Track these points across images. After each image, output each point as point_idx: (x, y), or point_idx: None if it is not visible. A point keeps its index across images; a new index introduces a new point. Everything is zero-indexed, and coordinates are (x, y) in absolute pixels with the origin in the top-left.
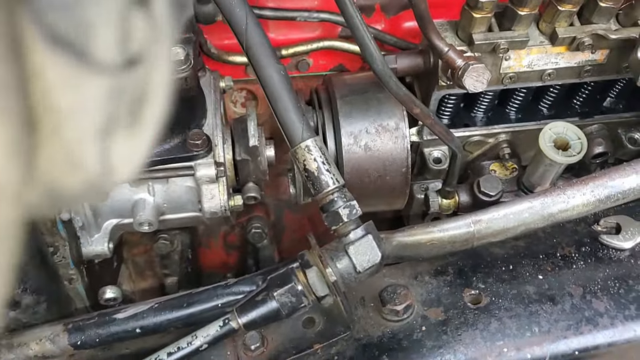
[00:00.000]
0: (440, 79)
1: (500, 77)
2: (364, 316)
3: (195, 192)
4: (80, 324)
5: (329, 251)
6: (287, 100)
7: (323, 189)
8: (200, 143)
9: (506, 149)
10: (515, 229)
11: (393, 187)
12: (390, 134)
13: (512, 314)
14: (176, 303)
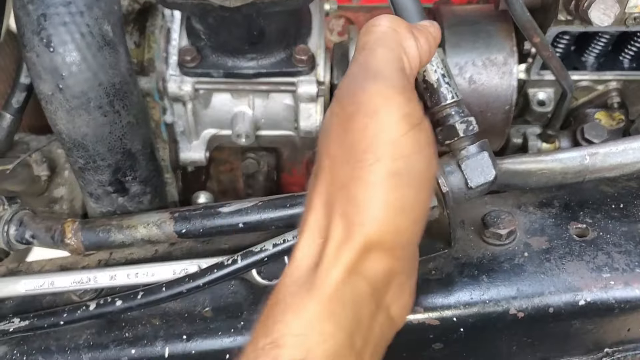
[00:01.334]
0: (560, 12)
1: (624, 18)
2: (464, 238)
3: (292, 111)
4: (187, 214)
5: (441, 164)
6: (412, 7)
7: (441, 101)
8: (306, 59)
9: (615, 97)
10: (633, 165)
11: (493, 125)
12: (497, 68)
13: (621, 250)
14: (279, 203)
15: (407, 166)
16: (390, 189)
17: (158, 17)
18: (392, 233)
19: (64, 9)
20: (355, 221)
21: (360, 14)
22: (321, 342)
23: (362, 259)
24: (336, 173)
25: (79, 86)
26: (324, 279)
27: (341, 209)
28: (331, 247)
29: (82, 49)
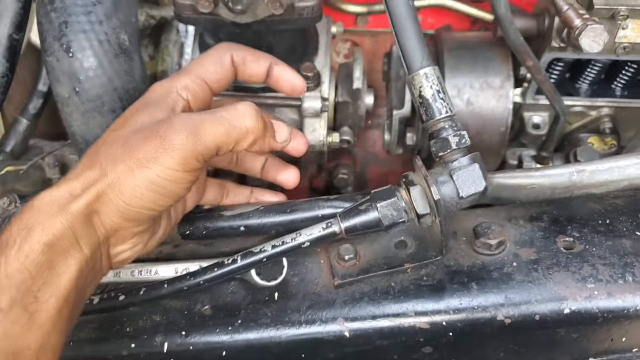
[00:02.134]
0: (554, 40)
1: (614, 47)
2: (455, 248)
3: (298, 125)
4: (190, 216)
5: (433, 174)
6: (411, 29)
7: (435, 116)
8: (312, 76)
9: (607, 123)
10: (618, 182)
11: (489, 146)
12: (494, 91)
13: (605, 262)
14: (280, 208)
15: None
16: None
17: (172, 32)
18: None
19: (84, 18)
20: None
21: (366, 37)
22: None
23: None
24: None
25: (95, 90)
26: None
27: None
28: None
29: (99, 55)
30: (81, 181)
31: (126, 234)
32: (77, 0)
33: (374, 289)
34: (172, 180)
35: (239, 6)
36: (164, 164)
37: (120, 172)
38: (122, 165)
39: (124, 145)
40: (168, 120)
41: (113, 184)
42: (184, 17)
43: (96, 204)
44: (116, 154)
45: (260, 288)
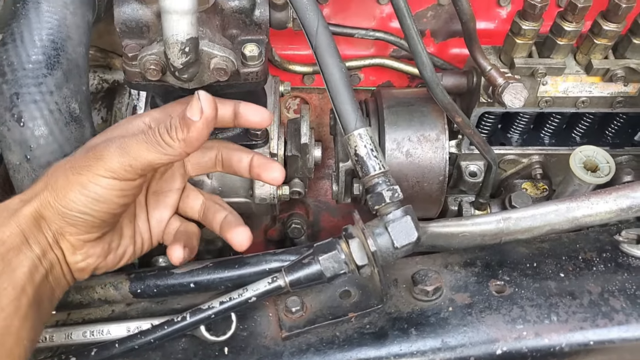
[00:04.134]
0: (482, 96)
1: (537, 100)
2: (396, 295)
3: (248, 180)
4: (141, 275)
5: (370, 227)
6: (345, 94)
7: (370, 172)
8: (260, 134)
9: (538, 169)
10: (541, 228)
11: (430, 194)
12: (431, 143)
13: (533, 304)
14: (228, 264)
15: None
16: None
17: (125, 95)
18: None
19: (35, 89)
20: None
21: (313, 94)
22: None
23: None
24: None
25: (46, 157)
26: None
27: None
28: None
29: (50, 124)
30: (30, 191)
31: (75, 242)
32: (28, 72)
33: (320, 340)
34: (102, 185)
35: (185, 75)
36: (94, 171)
37: (59, 179)
38: (62, 174)
39: (68, 161)
40: (108, 139)
41: (53, 190)
42: (133, 83)
43: (41, 209)
44: (59, 167)
45: (211, 343)
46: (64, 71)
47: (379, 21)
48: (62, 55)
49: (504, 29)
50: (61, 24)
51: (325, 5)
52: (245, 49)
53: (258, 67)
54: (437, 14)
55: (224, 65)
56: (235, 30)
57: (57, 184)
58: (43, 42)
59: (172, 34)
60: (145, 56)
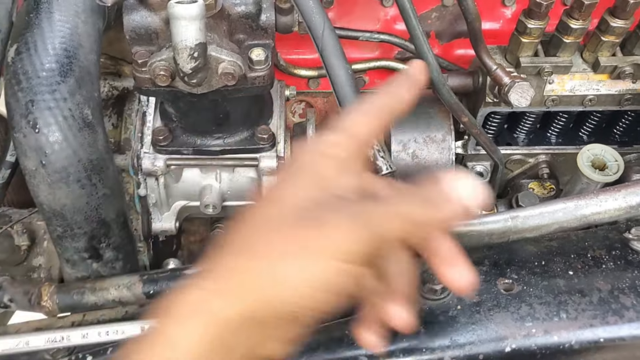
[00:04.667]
0: (487, 96)
1: (543, 99)
2: None
3: (256, 183)
4: (154, 276)
5: None
6: (352, 97)
7: (377, 173)
8: (267, 137)
9: (545, 169)
10: (549, 226)
11: None
12: (437, 145)
13: (542, 301)
14: None
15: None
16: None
17: (135, 101)
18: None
19: (49, 96)
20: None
21: (318, 98)
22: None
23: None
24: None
25: (60, 162)
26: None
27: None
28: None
29: (64, 130)
30: (231, 278)
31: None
32: (42, 80)
33: (330, 338)
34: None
35: (194, 80)
36: (324, 254)
37: (277, 261)
38: (277, 253)
39: (278, 230)
40: (329, 204)
41: (271, 276)
42: (143, 89)
43: (251, 305)
44: (270, 239)
45: None
46: (77, 78)
47: (384, 23)
48: (75, 62)
49: (509, 29)
50: (73, 33)
51: (330, 9)
52: (252, 53)
53: (265, 71)
54: (441, 15)
55: (231, 69)
56: (242, 35)
57: (276, 269)
58: (56, 50)
59: (181, 39)
60: (155, 62)
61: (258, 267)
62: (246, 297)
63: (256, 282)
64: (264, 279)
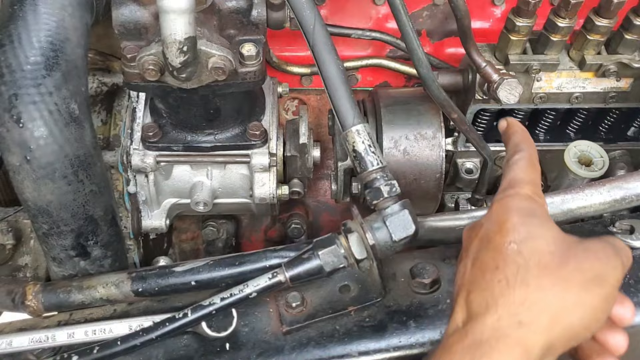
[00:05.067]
0: (477, 93)
1: (531, 97)
2: (395, 288)
3: (248, 180)
4: (143, 274)
5: (369, 221)
6: (343, 91)
7: (368, 167)
8: (259, 134)
9: None
10: None
11: (427, 190)
12: (427, 141)
13: None
14: (229, 261)
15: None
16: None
17: (124, 97)
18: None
19: (34, 90)
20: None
21: (311, 95)
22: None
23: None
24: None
25: (46, 158)
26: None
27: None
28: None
29: (49, 125)
30: (539, 311)
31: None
32: (26, 74)
33: (320, 333)
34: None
35: (183, 74)
36: (610, 281)
37: (581, 291)
38: (578, 282)
39: (564, 263)
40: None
41: (579, 306)
42: (132, 84)
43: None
44: (561, 272)
45: (212, 339)
46: (63, 72)
47: (375, 21)
48: (61, 56)
49: (498, 28)
50: (59, 26)
51: (322, 7)
52: (242, 48)
53: (256, 66)
54: (432, 13)
55: (222, 64)
56: (233, 30)
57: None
58: (41, 43)
59: (170, 33)
60: (144, 57)
61: (566, 297)
62: (553, 328)
63: (565, 311)
64: (571, 309)
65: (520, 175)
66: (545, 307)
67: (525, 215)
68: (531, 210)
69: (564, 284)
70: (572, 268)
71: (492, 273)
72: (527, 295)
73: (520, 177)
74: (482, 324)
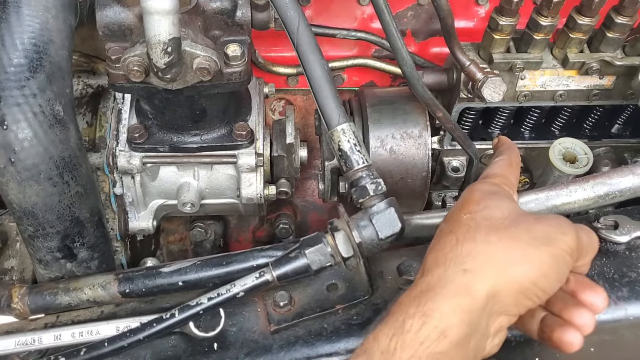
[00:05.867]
0: (462, 91)
1: (516, 95)
2: (382, 286)
3: (235, 180)
4: (130, 275)
5: (355, 220)
6: (328, 90)
7: (354, 166)
8: (245, 134)
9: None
10: None
11: (414, 189)
12: (413, 140)
13: None
14: (216, 261)
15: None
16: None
17: (109, 99)
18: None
19: (18, 92)
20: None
21: (298, 96)
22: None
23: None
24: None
25: (30, 159)
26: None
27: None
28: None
29: (34, 127)
30: (484, 261)
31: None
32: (10, 76)
33: (308, 332)
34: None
35: (168, 75)
36: (560, 244)
37: (528, 247)
38: (526, 239)
39: (517, 225)
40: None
41: (524, 259)
42: (117, 86)
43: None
44: (513, 231)
45: (200, 339)
46: (47, 74)
47: (361, 22)
48: (45, 58)
49: (482, 27)
50: (43, 28)
51: (307, 7)
52: (227, 49)
53: (241, 67)
54: (417, 13)
55: (206, 65)
56: (218, 31)
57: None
58: (25, 45)
59: (154, 34)
60: (128, 58)
61: (512, 250)
62: (498, 277)
63: (511, 262)
64: (517, 261)
65: (495, 170)
66: (490, 257)
67: (486, 193)
68: (494, 191)
69: (510, 240)
70: (521, 229)
71: (446, 236)
72: (473, 249)
73: (494, 172)
74: (430, 276)
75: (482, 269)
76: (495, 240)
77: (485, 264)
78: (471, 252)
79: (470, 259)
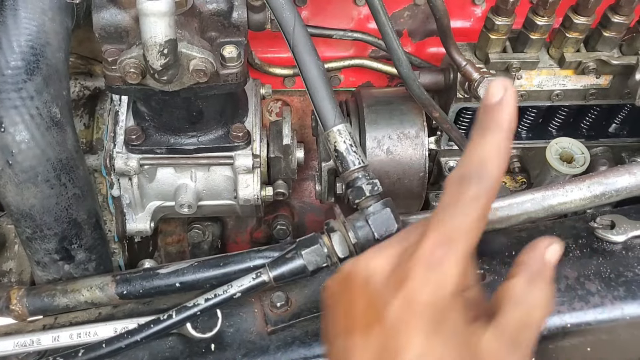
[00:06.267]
0: (458, 91)
1: None
2: None
3: (232, 182)
4: (127, 276)
5: (351, 220)
6: (323, 91)
7: (350, 167)
8: (242, 136)
9: (516, 163)
10: (518, 217)
11: (411, 190)
12: (410, 140)
13: None
14: (213, 263)
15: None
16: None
17: (106, 101)
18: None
19: (15, 94)
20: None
21: (295, 97)
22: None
23: None
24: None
25: (28, 162)
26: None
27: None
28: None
29: (31, 129)
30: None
31: None
32: (7, 78)
33: (305, 332)
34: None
35: (164, 77)
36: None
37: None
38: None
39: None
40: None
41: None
42: (114, 88)
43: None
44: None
45: (197, 341)
46: (44, 76)
47: (357, 22)
48: (42, 60)
49: (479, 27)
50: (40, 30)
51: (304, 8)
52: (224, 50)
53: (237, 68)
54: (413, 14)
55: (203, 66)
56: (214, 32)
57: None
58: (22, 48)
59: (150, 36)
60: (125, 60)
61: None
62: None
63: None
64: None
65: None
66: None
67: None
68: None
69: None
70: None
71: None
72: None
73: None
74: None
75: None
76: None
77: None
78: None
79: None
